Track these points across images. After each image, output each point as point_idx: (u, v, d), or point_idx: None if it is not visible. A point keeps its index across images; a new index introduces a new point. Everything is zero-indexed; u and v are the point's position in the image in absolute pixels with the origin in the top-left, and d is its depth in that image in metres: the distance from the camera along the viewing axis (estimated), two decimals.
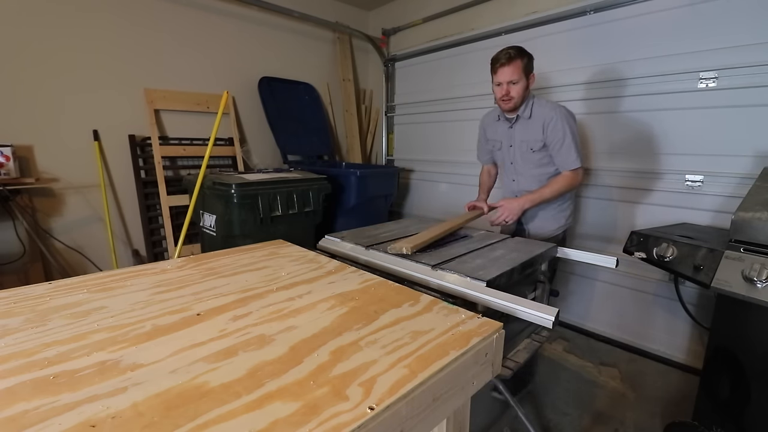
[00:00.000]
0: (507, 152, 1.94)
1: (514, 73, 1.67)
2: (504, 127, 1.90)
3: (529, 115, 1.79)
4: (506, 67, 1.67)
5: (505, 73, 1.68)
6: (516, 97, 1.72)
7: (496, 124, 1.95)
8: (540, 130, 1.77)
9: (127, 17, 2.53)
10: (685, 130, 2.08)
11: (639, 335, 2.35)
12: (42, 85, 2.29)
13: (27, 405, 0.50)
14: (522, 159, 1.88)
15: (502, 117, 1.89)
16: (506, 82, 1.69)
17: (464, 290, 1.00)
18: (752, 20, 1.84)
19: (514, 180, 1.96)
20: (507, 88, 1.70)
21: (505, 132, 1.90)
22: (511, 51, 1.68)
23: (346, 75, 3.72)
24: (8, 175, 2.06)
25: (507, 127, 1.88)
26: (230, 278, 0.99)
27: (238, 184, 2.11)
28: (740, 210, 1.32)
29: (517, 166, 1.92)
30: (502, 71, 1.68)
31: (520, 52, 1.68)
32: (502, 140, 1.94)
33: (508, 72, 1.67)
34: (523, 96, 1.74)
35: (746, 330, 1.29)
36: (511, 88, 1.70)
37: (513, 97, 1.71)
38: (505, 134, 1.91)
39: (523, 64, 1.68)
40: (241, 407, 0.50)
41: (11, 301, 0.82)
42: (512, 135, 1.88)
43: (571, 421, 1.77)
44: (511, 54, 1.67)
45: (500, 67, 1.69)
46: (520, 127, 1.84)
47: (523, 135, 1.84)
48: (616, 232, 2.38)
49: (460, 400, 0.68)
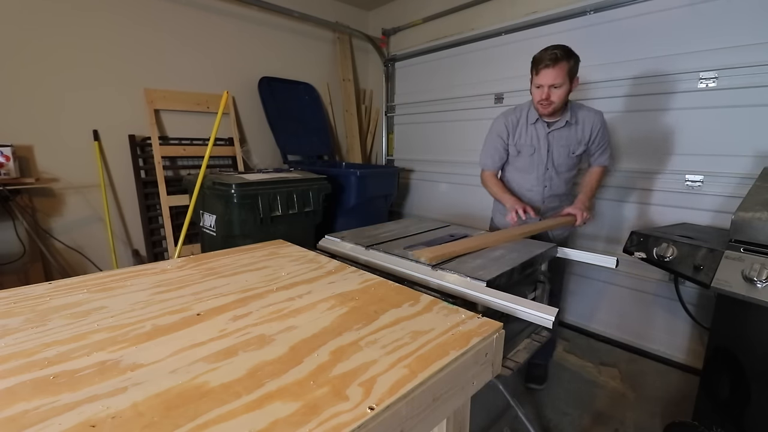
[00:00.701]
0: (541, 157, 1.78)
1: (558, 77, 1.52)
2: (541, 132, 1.75)
3: (575, 120, 1.70)
4: (550, 69, 1.51)
5: (548, 75, 1.52)
6: (557, 101, 1.58)
7: (529, 127, 1.76)
8: (585, 133, 1.71)
9: (127, 17, 2.53)
10: (685, 130, 2.08)
11: (639, 335, 2.35)
12: (42, 84, 2.29)
13: (27, 405, 0.50)
14: (559, 163, 1.78)
15: (541, 120, 1.73)
16: (548, 86, 1.55)
17: (464, 290, 1.00)
18: (752, 20, 1.84)
19: (546, 186, 1.83)
20: (548, 92, 1.56)
21: (542, 136, 1.75)
22: (557, 52, 1.50)
23: (346, 75, 3.72)
24: (8, 175, 2.06)
25: (545, 131, 1.74)
26: (230, 278, 0.99)
27: (238, 184, 2.11)
28: (740, 210, 1.32)
29: (553, 171, 1.80)
30: (546, 73, 1.53)
31: (567, 54, 1.52)
32: (535, 145, 1.77)
33: (551, 75, 1.52)
34: (564, 100, 1.60)
35: (746, 330, 1.29)
36: (552, 92, 1.56)
37: (553, 102, 1.58)
38: (542, 138, 1.75)
39: (569, 66, 1.53)
40: (241, 407, 0.50)
41: (11, 301, 0.82)
42: (551, 139, 1.75)
43: (571, 421, 1.77)
44: (558, 55, 1.50)
45: (544, 68, 1.53)
46: (561, 131, 1.72)
47: (564, 140, 1.73)
48: (616, 232, 2.38)
49: (460, 400, 0.68)
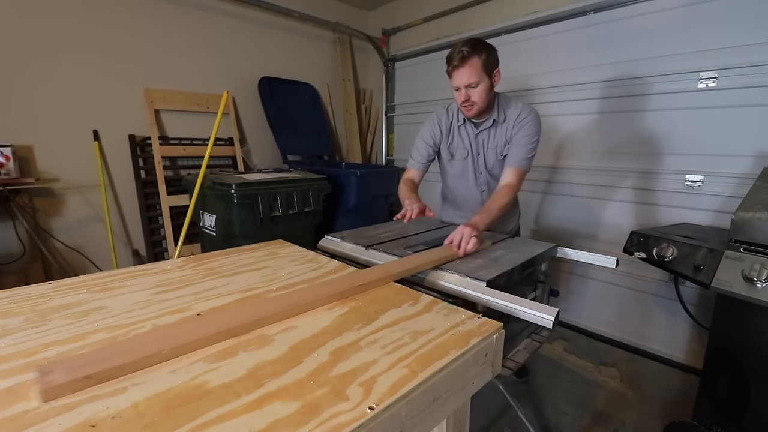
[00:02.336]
0: (472, 161, 1.66)
1: (472, 75, 1.40)
2: (469, 134, 1.62)
3: (504, 119, 1.55)
4: (461, 68, 1.40)
5: (461, 76, 1.41)
6: (479, 101, 1.45)
7: (457, 129, 1.64)
8: (510, 131, 1.54)
9: (127, 17, 2.53)
10: (685, 130, 2.08)
11: (639, 335, 2.35)
12: (42, 84, 2.29)
13: (27, 405, 0.50)
14: (493, 168, 1.64)
15: (468, 122, 1.61)
16: (464, 86, 1.43)
17: (464, 290, 1.00)
18: (752, 20, 1.84)
19: (483, 190, 1.70)
20: (467, 93, 1.44)
21: (471, 139, 1.62)
22: (465, 49, 1.39)
23: (346, 75, 3.72)
24: (8, 175, 2.07)
25: (474, 133, 1.61)
26: (230, 278, 0.99)
27: (238, 184, 2.11)
28: (740, 210, 1.32)
29: (487, 175, 1.67)
30: (458, 74, 1.42)
31: (475, 49, 1.39)
32: (467, 148, 1.64)
33: (465, 74, 1.41)
34: (488, 98, 1.47)
35: (746, 330, 1.29)
36: (471, 93, 1.43)
37: (475, 102, 1.45)
38: (471, 141, 1.63)
39: (482, 61, 1.39)
40: (241, 407, 0.50)
41: (11, 301, 0.82)
42: (480, 142, 1.62)
43: (571, 421, 1.77)
44: (465, 52, 1.38)
45: (454, 69, 1.42)
46: (489, 132, 1.59)
47: (492, 140, 1.60)
48: (616, 231, 2.38)
49: (460, 400, 0.68)
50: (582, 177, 2.51)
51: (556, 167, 2.63)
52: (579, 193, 2.54)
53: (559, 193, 2.64)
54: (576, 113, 2.49)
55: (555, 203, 2.68)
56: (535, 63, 2.64)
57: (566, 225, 2.63)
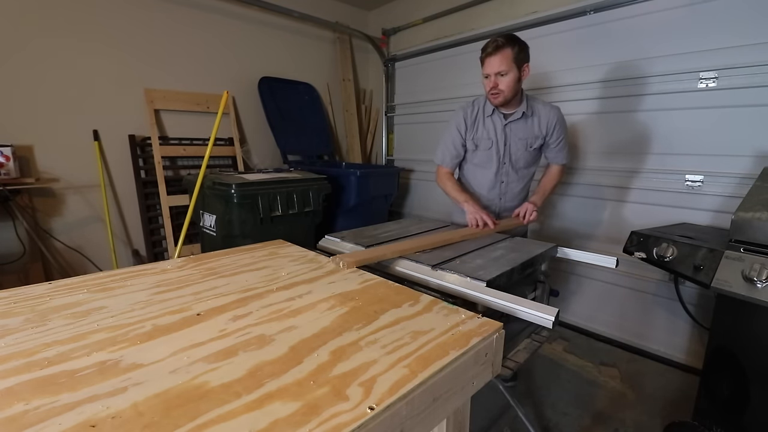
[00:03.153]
0: (498, 151, 1.75)
1: (502, 64, 1.52)
2: (497, 124, 1.72)
3: (532, 113, 1.69)
4: (494, 56, 1.53)
5: (492, 63, 1.54)
6: (506, 90, 1.57)
7: (486, 119, 1.74)
8: (542, 127, 1.69)
9: (127, 17, 2.53)
10: (685, 130, 2.08)
11: (639, 335, 2.35)
12: (42, 84, 2.29)
13: (27, 405, 0.50)
14: (516, 158, 1.76)
15: (498, 112, 1.71)
16: (494, 74, 1.55)
17: (464, 290, 1.00)
18: (752, 20, 1.84)
19: (503, 181, 1.81)
20: (495, 80, 1.56)
21: (499, 129, 1.72)
22: (499, 39, 1.53)
23: (346, 75, 3.72)
24: (8, 175, 2.07)
25: (501, 124, 1.72)
26: (230, 278, 0.99)
27: (238, 184, 2.11)
28: (740, 210, 1.32)
29: (510, 165, 1.78)
30: (490, 62, 1.55)
31: (509, 40, 1.53)
32: (492, 138, 1.74)
33: (496, 62, 1.53)
34: (515, 89, 1.59)
35: (746, 330, 1.29)
36: (499, 80, 1.55)
37: (502, 90, 1.57)
38: (499, 131, 1.73)
39: (514, 53, 1.53)
40: (241, 407, 0.50)
41: (11, 301, 0.82)
42: (508, 132, 1.72)
43: (571, 421, 1.77)
44: (500, 42, 1.52)
45: (487, 57, 1.55)
46: (518, 123, 1.71)
47: (521, 132, 1.71)
48: (616, 232, 2.38)
49: (460, 400, 0.68)
50: (582, 177, 2.51)
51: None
52: (579, 193, 2.54)
53: (559, 193, 2.64)
54: (576, 113, 2.49)
55: (555, 203, 2.68)
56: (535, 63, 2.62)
57: (566, 225, 2.63)
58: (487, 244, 1.41)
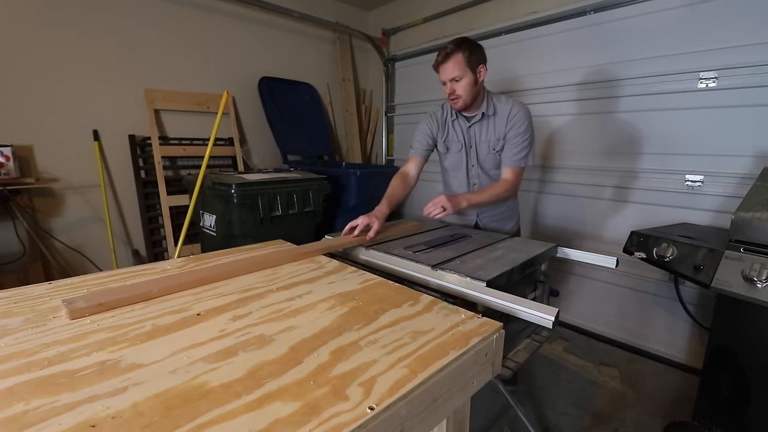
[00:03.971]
0: (465, 155, 1.74)
1: (455, 69, 1.52)
2: (462, 127, 1.71)
3: (493, 112, 1.63)
4: (445, 63, 1.53)
5: (446, 70, 1.54)
6: (464, 94, 1.55)
7: (452, 122, 1.73)
8: (503, 126, 1.61)
9: (127, 17, 2.53)
10: (685, 130, 2.08)
11: (639, 335, 2.35)
12: (42, 84, 2.29)
13: (27, 405, 0.50)
14: (484, 160, 1.71)
15: (460, 115, 1.69)
16: (449, 80, 1.55)
17: (464, 290, 1.00)
18: (752, 20, 1.84)
19: (475, 183, 1.78)
20: (452, 87, 1.55)
21: (464, 132, 1.71)
22: (449, 45, 1.53)
23: (346, 75, 3.72)
24: (8, 175, 2.07)
25: (465, 126, 1.69)
26: (230, 278, 0.99)
27: (238, 184, 2.11)
28: (740, 210, 1.32)
29: (479, 169, 1.73)
30: (442, 69, 1.55)
31: (458, 45, 1.52)
32: (460, 141, 1.72)
33: (448, 69, 1.53)
34: (473, 92, 1.57)
35: (746, 330, 1.29)
36: (455, 86, 1.55)
37: (460, 96, 1.56)
38: (464, 135, 1.71)
39: (465, 57, 1.51)
40: (241, 407, 0.50)
41: (11, 301, 0.82)
42: (472, 135, 1.70)
43: (571, 421, 1.77)
44: (449, 49, 1.52)
45: (439, 65, 1.55)
46: (481, 125, 1.67)
47: (485, 134, 1.67)
48: (616, 231, 2.38)
49: (460, 400, 0.68)
50: (582, 177, 2.51)
51: (555, 167, 2.63)
52: (579, 193, 2.54)
53: (559, 193, 2.64)
54: (576, 113, 2.49)
55: (555, 203, 2.68)
56: (535, 63, 2.64)
57: (566, 225, 2.63)
58: (487, 244, 1.41)
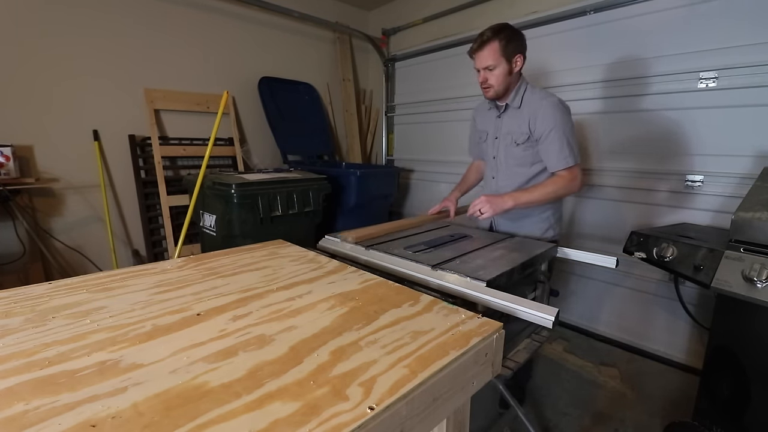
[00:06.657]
0: (491, 145, 1.72)
1: (489, 58, 1.48)
2: (492, 117, 1.70)
3: (519, 104, 1.58)
4: (480, 51, 1.49)
5: (480, 58, 1.51)
6: (495, 84, 1.52)
7: (486, 112, 1.74)
8: (527, 120, 1.56)
9: (127, 17, 2.53)
10: (685, 130, 2.08)
11: (639, 335, 2.35)
12: (42, 84, 2.29)
13: (27, 405, 0.50)
14: (505, 153, 1.66)
15: (492, 105, 1.69)
16: (482, 68, 1.52)
17: (464, 290, 1.00)
18: (752, 20, 1.84)
19: (493, 177, 1.74)
20: (484, 75, 1.52)
21: (493, 122, 1.70)
22: (486, 33, 1.48)
23: (346, 75, 3.72)
24: (8, 175, 2.07)
25: (495, 116, 1.68)
26: (230, 278, 0.99)
27: (238, 184, 2.11)
28: (740, 210, 1.32)
29: (499, 161, 1.69)
30: (477, 57, 1.52)
31: (496, 33, 1.47)
32: (488, 131, 1.73)
33: (482, 57, 1.50)
34: (506, 82, 1.53)
35: (746, 330, 1.29)
36: (488, 75, 1.51)
37: (492, 85, 1.53)
38: (493, 124, 1.70)
39: (501, 46, 1.47)
40: (241, 407, 0.50)
41: (11, 301, 0.82)
42: (499, 126, 1.67)
43: (571, 421, 1.77)
44: (486, 36, 1.47)
45: (473, 53, 1.52)
46: (508, 117, 1.64)
47: (509, 126, 1.63)
48: (616, 232, 2.38)
49: (460, 400, 0.68)
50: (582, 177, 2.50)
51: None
52: (578, 193, 2.54)
53: None
54: (576, 113, 2.47)
55: None
56: (535, 63, 2.63)
57: (566, 225, 2.63)
58: (487, 244, 1.41)
